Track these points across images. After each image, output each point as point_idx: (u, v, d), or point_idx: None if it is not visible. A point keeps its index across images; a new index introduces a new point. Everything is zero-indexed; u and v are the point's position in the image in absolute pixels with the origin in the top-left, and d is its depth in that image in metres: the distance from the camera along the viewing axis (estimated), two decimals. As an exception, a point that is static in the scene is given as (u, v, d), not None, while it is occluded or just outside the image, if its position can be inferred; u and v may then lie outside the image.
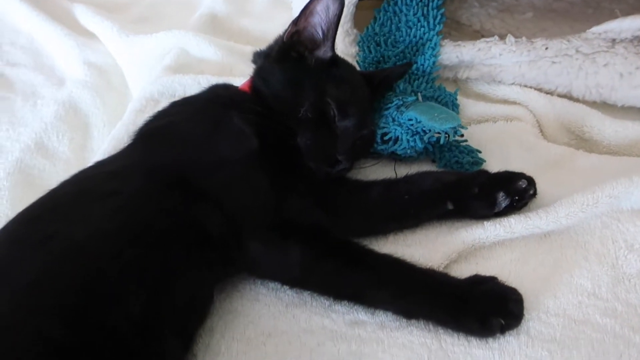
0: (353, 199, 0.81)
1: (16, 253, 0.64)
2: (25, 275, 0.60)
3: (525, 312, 0.72)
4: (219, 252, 0.72)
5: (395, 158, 0.92)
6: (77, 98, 1.16)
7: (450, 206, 0.80)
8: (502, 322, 0.68)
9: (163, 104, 1.02)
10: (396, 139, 0.89)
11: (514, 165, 0.89)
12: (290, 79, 0.83)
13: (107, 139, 1.00)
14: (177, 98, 1.02)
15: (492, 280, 0.72)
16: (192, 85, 1.04)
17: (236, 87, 0.88)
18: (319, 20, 0.84)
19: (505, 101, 1.03)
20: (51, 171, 1.05)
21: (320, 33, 0.85)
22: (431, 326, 0.71)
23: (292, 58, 0.86)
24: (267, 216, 0.73)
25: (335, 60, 0.87)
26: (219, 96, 0.85)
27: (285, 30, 0.87)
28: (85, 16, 1.30)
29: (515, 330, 0.70)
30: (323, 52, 0.85)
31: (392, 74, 0.95)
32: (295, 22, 0.86)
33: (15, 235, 0.67)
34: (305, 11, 0.84)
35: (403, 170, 0.91)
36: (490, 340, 0.70)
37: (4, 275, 0.61)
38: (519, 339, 0.69)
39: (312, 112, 0.80)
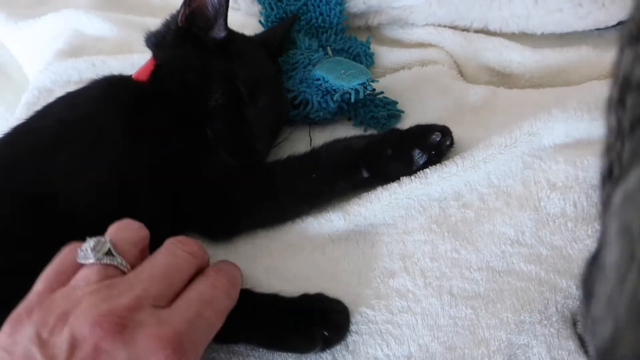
0: (257, 187, 0.75)
1: None
2: None
3: (448, 270, 0.68)
4: None
5: (309, 122, 0.86)
6: (-28, 100, 1.08)
7: (365, 174, 0.74)
8: (326, 333, 0.64)
9: (58, 92, 0.93)
10: (307, 102, 0.83)
11: (433, 112, 0.84)
12: (193, 67, 0.76)
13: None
14: (72, 85, 0.96)
15: (317, 296, 0.67)
16: (87, 68, 0.96)
17: (132, 81, 0.79)
18: None
19: (420, 44, 0.96)
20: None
21: (211, 10, 0.77)
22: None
23: (189, 42, 0.78)
24: None
25: (232, 38, 0.80)
26: (112, 99, 0.75)
27: (178, 12, 0.79)
28: (-29, 7, 1.18)
29: (437, 292, 0.67)
30: (216, 32, 0.78)
31: (284, 30, 0.88)
32: (188, 2, 0.77)
33: None
34: None
35: (319, 134, 0.86)
36: (412, 305, 0.66)
37: None
38: (441, 300, 0.66)
39: (221, 100, 0.74)
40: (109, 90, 0.77)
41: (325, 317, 0.65)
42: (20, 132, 0.73)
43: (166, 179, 0.71)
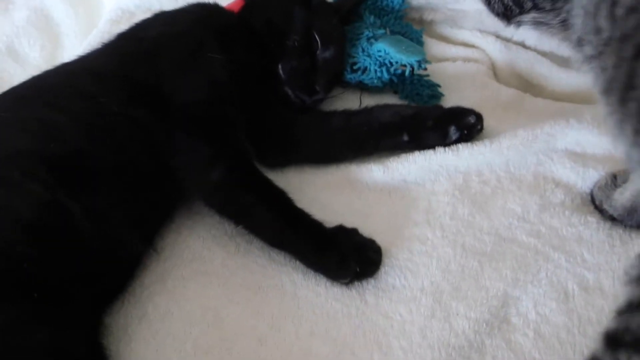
0: (314, 128, 0.89)
1: None
2: (2, 149, 0.68)
3: (463, 229, 0.81)
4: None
5: (362, 87, 0.98)
6: (49, 6, 1.17)
7: (406, 137, 0.88)
8: (358, 269, 0.74)
9: (139, 16, 1.04)
10: (364, 69, 0.96)
11: (468, 101, 0.97)
12: (281, 10, 0.90)
13: (83, 44, 1.03)
14: (152, 12, 1.05)
15: (354, 231, 0.78)
16: (169, 1, 1.07)
17: (224, 10, 0.92)
18: None
19: (465, 44, 1.10)
20: (22, 75, 1.05)
21: None
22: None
23: None
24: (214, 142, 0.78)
25: None
26: (206, 19, 0.88)
27: None
28: None
29: (452, 244, 0.80)
30: None
31: (354, 3, 1.03)
32: None
33: None
34: None
35: (367, 99, 0.99)
36: (430, 250, 0.79)
37: None
38: (455, 251, 0.79)
39: (298, 42, 0.87)
40: (204, 13, 0.90)
41: (359, 253, 0.76)
42: (125, 38, 0.85)
43: (241, 99, 0.83)
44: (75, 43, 1.15)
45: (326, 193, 0.86)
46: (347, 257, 0.75)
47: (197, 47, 0.82)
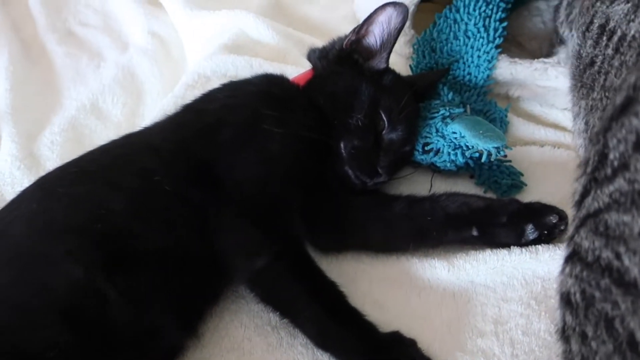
0: (374, 213, 0.81)
1: (50, 202, 0.71)
2: (51, 224, 0.67)
3: (537, 349, 0.70)
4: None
5: (434, 169, 0.91)
6: (136, 64, 1.20)
7: (475, 232, 0.78)
8: None
9: (214, 82, 1.04)
10: (437, 151, 0.88)
11: (553, 196, 0.86)
12: (346, 85, 0.85)
13: (157, 108, 1.04)
14: (227, 78, 1.05)
15: (411, 343, 0.69)
16: (245, 67, 1.06)
17: (289, 82, 0.88)
18: (380, 31, 0.85)
19: (556, 126, 0.99)
20: (102, 132, 1.10)
21: (378, 44, 0.86)
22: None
23: (347, 64, 0.87)
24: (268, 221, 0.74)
25: (387, 71, 0.88)
26: (267, 91, 0.85)
27: (346, 37, 0.89)
28: (155, -15, 1.33)
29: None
30: (377, 63, 0.87)
31: (433, 79, 0.95)
32: (357, 30, 0.87)
33: (54, 184, 0.74)
34: (368, 21, 0.85)
35: (439, 184, 0.91)
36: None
37: (31, 221, 0.68)
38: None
39: (362, 121, 0.81)
40: (267, 85, 0.86)
41: None
42: (189, 110, 0.84)
43: (298, 176, 0.79)
44: (157, 101, 1.17)
45: (382, 287, 0.78)
46: None
47: (255, 120, 0.78)
